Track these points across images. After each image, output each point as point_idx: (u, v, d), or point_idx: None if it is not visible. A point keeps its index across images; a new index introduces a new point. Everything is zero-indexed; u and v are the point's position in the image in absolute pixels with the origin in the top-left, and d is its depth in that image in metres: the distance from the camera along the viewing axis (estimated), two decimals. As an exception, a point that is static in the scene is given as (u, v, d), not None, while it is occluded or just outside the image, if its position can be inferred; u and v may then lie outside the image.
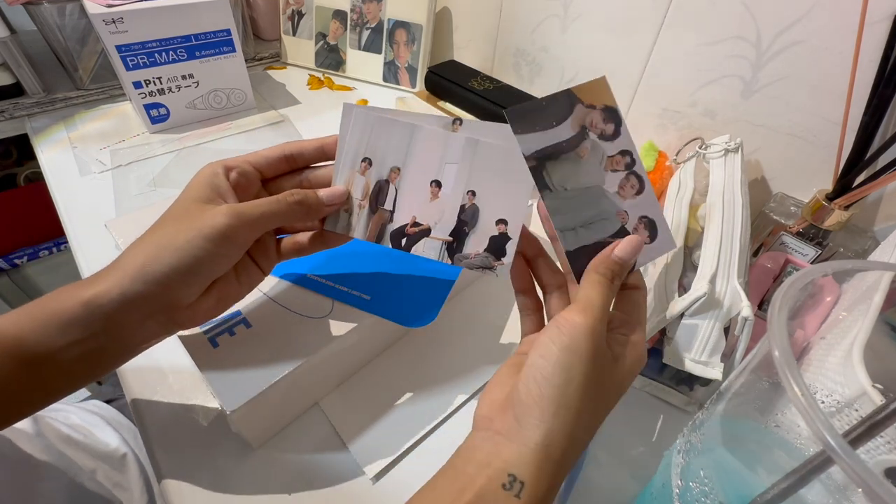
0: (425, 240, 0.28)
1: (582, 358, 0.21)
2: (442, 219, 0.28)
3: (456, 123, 0.28)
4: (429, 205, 0.28)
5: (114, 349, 0.26)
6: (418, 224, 0.28)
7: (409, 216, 0.28)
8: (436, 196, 0.28)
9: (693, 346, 0.32)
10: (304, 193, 0.28)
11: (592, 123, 0.28)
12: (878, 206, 0.41)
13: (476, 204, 0.27)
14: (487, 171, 0.27)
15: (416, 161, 0.28)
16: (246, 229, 0.26)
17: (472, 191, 0.27)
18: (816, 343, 0.28)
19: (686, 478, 0.24)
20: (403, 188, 0.28)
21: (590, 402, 0.22)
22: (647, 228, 0.28)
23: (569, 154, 0.27)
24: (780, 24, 0.40)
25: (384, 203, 0.28)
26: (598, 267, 0.25)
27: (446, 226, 0.28)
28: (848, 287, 0.30)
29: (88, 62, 0.63)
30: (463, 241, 0.28)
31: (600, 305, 0.23)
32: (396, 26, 0.70)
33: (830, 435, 0.15)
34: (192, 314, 0.27)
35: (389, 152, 0.28)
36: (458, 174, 0.27)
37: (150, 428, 0.33)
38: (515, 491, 0.20)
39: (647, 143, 0.50)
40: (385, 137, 0.28)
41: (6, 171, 0.88)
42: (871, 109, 0.36)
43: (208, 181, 0.27)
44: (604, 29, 0.53)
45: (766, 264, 0.41)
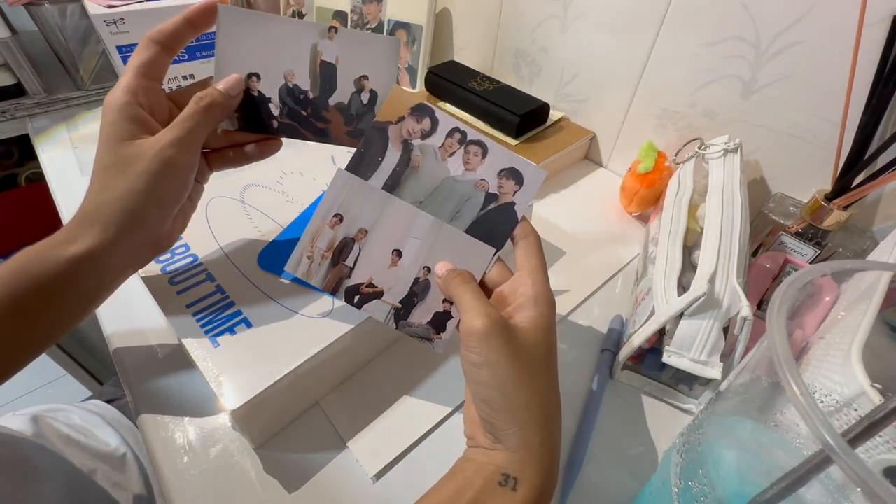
0: (377, 301, 0.30)
1: (497, 362, 0.23)
2: (396, 286, 0.30)
3: (331, 31, 0.30)
4: (386, 270, 0.30)
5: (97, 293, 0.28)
6: (373, 286, 0.30)
7: (367, 277, 0.30)
8: (395, 264, 0.30)
9: (692, 346, 0.32)
10: (209, 94, 0.28)
11: (410, 132, 0.30)
12: (876, 206, 0.41)
13: (429, 280, 0.29)
14: (446, 253, 0.29)
15: (384, 228, 0.30)
16: (186, 152, 0.27)
17: (427, 267, 0.30)
18: (815, 343, 0.28)
19: (685, 477, 0.24)
20: (367, 250, 0.30)
21: (532, 386, 0.24)
22: (510, 178, 0.30)
23: (406, 172, 0.30)
24: (779, 25, 0.40)
25: (346, 259, 0.30)
26: (454, 279, 0.27)
27: (398, 293, 0.30)
28: (847, 287, 0.30)
29: (89, 63, 0.63)
30: (410, 311, 0.30)
31: (474, 305, 0.25)
32: (396, 27, 0.70)
33: (829, 434, 0.15)
34: (167, 240, 0.31)
35: (362, 214, 0.30)
36: (418, 249, 0.29)
37: (150, 428, 0.33)
38: (511, 486, 0.22)
39: (647, 143, 0.50)
40: (361, 200, 0.30)
41: (7, 171, 0.88)
42: (870, 109, 0.36)
43: (126, 115, 0.27)
44: (603, 29, 0.53)
45: (765, 264, 0.41)
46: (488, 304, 0.25)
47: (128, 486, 0.42)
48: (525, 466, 0.22)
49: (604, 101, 0.58)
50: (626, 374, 0.37)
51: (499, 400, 0.23)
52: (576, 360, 0.39)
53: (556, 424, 0.24)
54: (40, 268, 0.24)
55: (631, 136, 0.57)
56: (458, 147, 0.30)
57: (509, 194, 0.29)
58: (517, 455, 0.23)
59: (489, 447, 0.23)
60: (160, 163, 0.26)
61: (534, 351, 0.24)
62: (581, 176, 0.60)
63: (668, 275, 0.35)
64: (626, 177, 0.52)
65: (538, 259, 0.27)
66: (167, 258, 0.36)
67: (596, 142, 0.61)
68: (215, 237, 0.38)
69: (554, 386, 0.25)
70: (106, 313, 0.39)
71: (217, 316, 0.32)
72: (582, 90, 0.60)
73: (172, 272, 0.35)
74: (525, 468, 0.22)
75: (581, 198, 0.57)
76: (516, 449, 0.23)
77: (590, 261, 0.48)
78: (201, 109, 0.28)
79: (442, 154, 0.30)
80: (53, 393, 1.17)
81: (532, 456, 0.23)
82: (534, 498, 0.22)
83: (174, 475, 0.31)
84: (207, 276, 0.35)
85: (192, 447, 0.32)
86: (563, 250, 0.49)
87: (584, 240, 0.50)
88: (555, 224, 0.52)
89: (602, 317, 0.42)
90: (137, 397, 0.34)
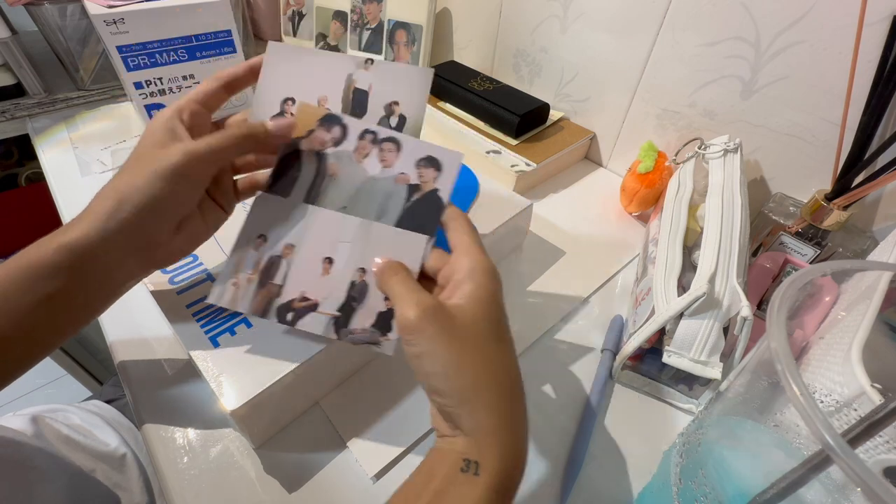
0: (312, 314, 0.28)
1: (434, 350, 0.23)
2: (331, 294, 0.28)
3: (367, 63, 0.32)
4: (319, 280, 0.29)
5: (96, 291, 0.27)
6: (307, 299, 0.28)
7: (299, 291, 0.29)
8: (327, 272, 0.29)
9: (692, 346, 0.32)
10: (249, 125, 0.29)
11: (322, 143, 0.30)
12: (876, 206, 0.41)
13: (366, 280, 0.28)
14: (379, 250, 0.28)
15: (310, 238, 0.29)
16: (197, 164, 0.27)
17: (363, 269, 0.28)
18: (815, 343, 0.28)
19: (685, 477, 0.24)
20: (295, 264, 0.29)
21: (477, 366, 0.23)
22: (428, 166, 0.30)
23: (325, 181, 0.30)
24: (779, 25, 0.40)
25: (274, 278, 0.29)
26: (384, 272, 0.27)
27: (335, 301, 0.28)
28: (847, 287, 0.30)
29: (89, 63, 0.63)
30: (350, 317, 0.28)
31: (404, 294, 0.24)
32: (396, 27, 0.70)
33: (829, 434, 0.15)
34: (168, 253, 0.29)
35: (286, 230, 0.29)
36: (350, 252, 0.29)
37: (151, 428, 0.33)
38: (473, 471, 0.22)
39: (647, 143, 0.50)
40: (283, 216, 0.30)
41: (7, 171, 0.89)
42: (870, 109, 0.36)
43: (164, 126, 0.28)
44: (603, 29, 0.53)
45: (765, 264, 0.41)
46: (419, 291, 0.24)
47: (127, 487, 0.42)
48: (484, 450, 0.22)
49: (604, 101, 0.58)
50: (626, 374, 0.37)
51: (444, 386, 0.23)
52: (576, 360, 0.39)
53: (514, 402, 0.23)
54: (36, 253, 0.25)
55: (631, 136, 0.57)
56: (372, 147, 0.30)
57: (430, 182, 0.29)
58: (474, 439, 0.22)
59: (450, 434, 0.23)
60: (165, 165, 0.26)
61: (473, 328, 0.23)
62: (581, 176, 0.60)
63: (668, 275, 0.35)
64: (626, 177, 0.52)
65: (470, 235, 0.27)
66: (167, 258, 0.36)
67: (596, 142, 0.61)
68: (215, 237, 0.38)
69: (506, 362, 0.24)
70: (106, 314, 0.39)
71: (217, 316, 0.32)
72: (582, 90, 0.60)
73: (172, 272, 0.35)
74: (485, 451, 0.22)
75: (581, 198, 0.57)
76: (472, 433, 0.22)
77: (590, 261, 0.48)
78: (232, 136, 0.28)
79: (357, 157, 0.30)
80: (53, 393, 1.17)
81: (490, 438, 0.22)
82: (498, 482, 0.21)
83: (174, 475, 0.31)
84: (208, 276, 0.35)
85: (192, 447, 0.32)
86: (563, 250, 0.49)
87: (584, 240, 0.50)
88: (555, 224, 0.52)
89: (602, 317, 0.42)
90: (137, 397, 0.34)
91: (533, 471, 0.32)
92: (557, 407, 0.36)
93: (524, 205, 0.44)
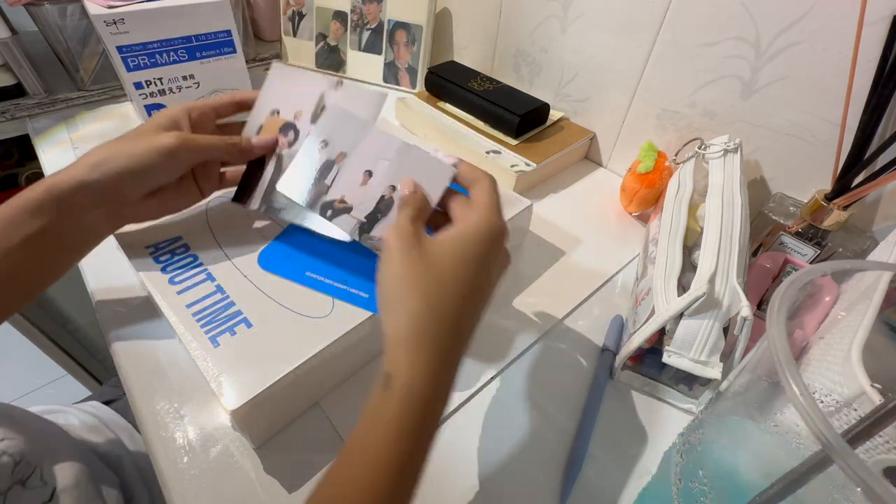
0: (346, 215, 0.32)
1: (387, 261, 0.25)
2: (364, 203, 0.32)
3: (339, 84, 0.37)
4: (357, 189, 0.32)
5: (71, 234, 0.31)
6: (344, 202, 0.32)
7: (340, 194, 0.32)
8: (365, 183, 0.32)
9: (692, 346, 0.32)
10: (241, 138, 0.36)
11: (281, 145, 0.37)
12: (876, 206, 0.41)
13: (393, 198, 0.31)
14: (410, 173, 0.31)
15: (359, 150, 0.33)
16: (188, 152, 0.33)
17: (393, 186, 0.31)
18: (815, 343, 0.28)
19: (685, 477, 0.24)
20: (343, 170, 0.33)
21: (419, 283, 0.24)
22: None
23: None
24: (779, 25, 0.40)
25: (326, 178, 0.33)
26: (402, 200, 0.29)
27: (365, 209, 0.32)
28: (847, 287, 0.30)
29: (89, 63, 0.63)
30: (373, 225, 0.31)
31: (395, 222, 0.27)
32: (396, 27, 0.70)
33: (829, 434, 0.15)
34: (135, 212, 0.34)
35: (344, 139, 0.33)
36: (386, 169, 0.32)
37: (150, 428, 0.33)
38: (386, 384, 0.22)
39: (647, 143, 0.50)
40: (344, 127, 0.34)
41: (8, 171, 0.88)
42: (870, 109, 0.36)
43: (172, 115, 0.34)
44: (603, 29, 0.53)
45: (765, 264, 0.41)
46: (407, 224, 0.26)
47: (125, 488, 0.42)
48: (394, 360, 0.22)
49: (604, 101, 0.58)
50: (626, 374, 0.37)
51: (379, 293, 0.25)
52: (576, 360, 0.39)
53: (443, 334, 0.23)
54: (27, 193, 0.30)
55: (631, 136, 0.57)
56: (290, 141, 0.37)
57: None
58: (388, 350, 0.23)
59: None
60: (164, 143, 0.31)
61: (435, 260, 0.25)
62: (581, 176, 0.60)
63: (668, 275, 0.35)
64: (626, 177, 0.52)
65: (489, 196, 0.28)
66: (167, 258, 0.36)
67: (596, 142, 0.61)
68: (215, 237, 0.38)
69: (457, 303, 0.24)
70: (107, 313, 0.39)
71: (217, 316, 0.32)
72: (582, 90, 0.60)
73: (173, 272, 0.35)
74: (395, 362, 0.22)
75: (581, 198, 0.57)
76: (386, 343, 0.23)
77: (590, 261, 0.48)
78: (224, 142, 0.35)
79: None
80: (54, 393, 1.17)
81: (399, 348, 0.22)
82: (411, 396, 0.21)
83: (174, 475, 0.31)
84: (207, 275, 0.35)
85: (192, 447, 0.32)
86: (563, 250, 0.49)
87: (584, 240, 0.50)
88: (555, 224, 0.52)
89: (602, 317, 0.42)
90: (137, 397, 0.34)
91: (533, 471, 0.32)
92: (557, 407, 0.36)
93: (524, 205, 0.44)
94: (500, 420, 0.35)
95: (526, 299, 0.43)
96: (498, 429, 0.34)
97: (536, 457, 0.33)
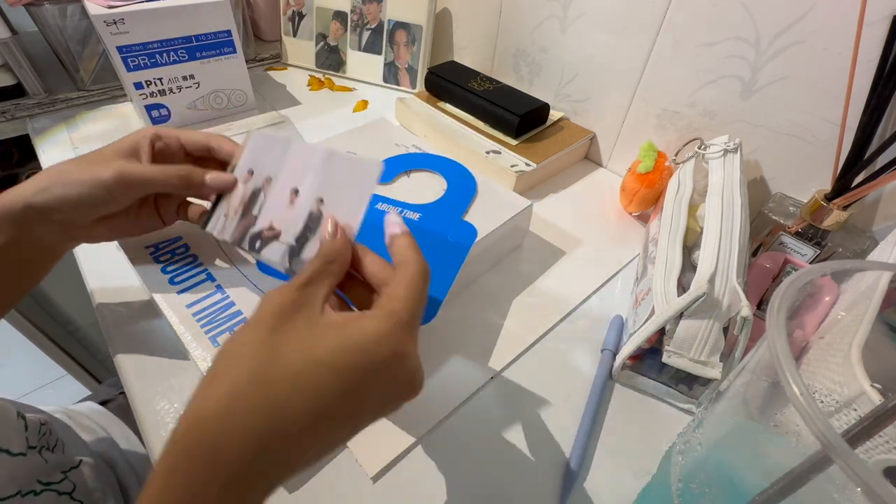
0: (275, 243, 0.29)
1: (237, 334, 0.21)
2: (293, 224, 0.29)
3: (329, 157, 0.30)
4: (286, 211, 0.29)
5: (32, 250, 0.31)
6: (273, 229, 0.29)
7: (268, 221, 0.30)
8: (292, 203, 0.29)
9: (692, 346, 0.32)
10: (191, 169, 0.32)
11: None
12: (876, 206, 0.41)
13: (321, 210, 0.28)
14: (336, 180, 0.28)
15: (285, 170, 0.30)
16: (126, 186, 0.31)
17: (321, 198, 0.28)
18: (815, 343, 0.28)
19: (685, 477, 0.24)
20: (270, 195, 0.30)
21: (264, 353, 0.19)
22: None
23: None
24: (779, 25, 0.40)
25: (253, 209, 0.31)
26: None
27: (294, 231, 0.28)
28: (847, 287, 0.30)
29: (89, 63, 0.63)
30: (303, 246, 0.28)
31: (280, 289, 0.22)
32: (396, 27, 0.70)
33: (829, 434, 0.15)
34: (88, 236, 0.33)
35: (269, 163, 0.31)
36: (312, 181, 0.29)
37: (150, 428, 0.33)
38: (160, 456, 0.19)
39: (647, 143, 0.50)
40: (268, 151, 0.32)
41: (8, 171, 0.88)
42: (870, 109, 0.36)
43: (134, 141, 0.32)
44: (603, 29, 0.53)
45: (764, 264, 0.41)
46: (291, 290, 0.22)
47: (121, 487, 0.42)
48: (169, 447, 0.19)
49: (604, 101, 0.58)
50: (626, 374, 0.37)
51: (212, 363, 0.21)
52: (576, 360, 0.39)
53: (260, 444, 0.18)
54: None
55: (631, 136, 0.57)
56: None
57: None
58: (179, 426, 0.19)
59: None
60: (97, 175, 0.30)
61: (297, 353, 0.19)
62: (581, 176, 0.60)
63: (668, 275, 0.35)
64: (626, 177, 0.52)
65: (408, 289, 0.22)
66: (168, 258, 0.36)
67: (596, 142, 0.61)
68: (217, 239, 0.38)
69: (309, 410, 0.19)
70: (106, 313, 0.39)
71: (217, 316, 0.32)
72: (582, 90, 0.60)
73: (173, 272, 0.35)
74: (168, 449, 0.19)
75: (581, 198, 0.57)
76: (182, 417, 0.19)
77: (589, 261, 0.48)
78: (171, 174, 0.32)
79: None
80: (54, 393, 1.17)
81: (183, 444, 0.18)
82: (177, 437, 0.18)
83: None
84: (208, 276, 0.35)
85: (192, 447, 0.32)
86: (563, 250, 0.49)
87: (583, 240, 0.50)
88: (555, 224, 0.52)
89: (602, 317, 0.42)
90: (137, 397, 0.34)
91: (533, 471, 0.32)
92: (557, 407, 0.36)
93: (524, 205, 0.44)
94: (499, 420, 0.35)
95: (526, 299, 0.43)
96: (498, 429, 0.34)
97: (536, 457, 0.33)
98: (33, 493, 0.33)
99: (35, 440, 0.36)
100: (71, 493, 0.36)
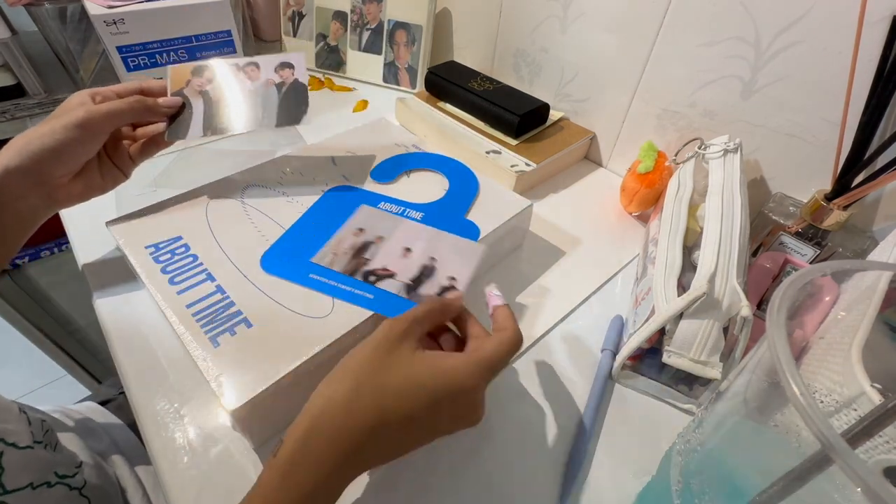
0: (390, 279, 0.36)
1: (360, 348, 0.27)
2: (408, 269, 0.36)
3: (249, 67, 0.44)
4: (400, 259, 0.37)
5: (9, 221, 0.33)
6: (387, 269, 0.36)
7: (383, 264, 0.37)
8: (406, 256, 0.37)
9: (692, 346, 0.32)
10: (141, 97, 0.38)
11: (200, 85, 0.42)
12: (876, 206, 0.41)
13: (435, 266, 0.36)
14: (446, 247, 0.38)
15: (396, 235, 0.39)
16: (96, 120, 0.34)
17: (433, 257, 0.37)
18: (815, 343, 0.28)
19: (685, 477, 0.24)
20: (383, 248, 0.38)
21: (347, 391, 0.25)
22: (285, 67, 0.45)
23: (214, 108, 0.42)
24: (778, 25, 0.40)
25: (365, 254, 0.38)
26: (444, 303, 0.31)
27: (410, 274, 0.36)
28: (847, 287, 0.30)
29: (89, 63, 0.63)
30: (419, 285, 0.35)
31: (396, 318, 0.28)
32: (396, 27, 0.70)
33: (829, 434, 0.15)
34: (66, 195, 0.36)
35: (379, 228, 0.40)
36: (423, 248, 0.38)
37: (150, 428, 0.33)
38: (275, 451, 0.24)
39: (647, 143, 0.50)
40: (379, 220, 0.41)
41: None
42: (870, 109, 0.36)
43: (80, 99, 0.36)
44: (603, 29, 0.53)
45: (765, 264, 0.41)
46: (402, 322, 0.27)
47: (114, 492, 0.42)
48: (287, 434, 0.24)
49: (604, 101, 0.58)
50: (626, 374, 0.37)
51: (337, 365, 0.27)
52: (576, 360, 0.39)
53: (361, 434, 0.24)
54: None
55: (631, 136, 0.57)
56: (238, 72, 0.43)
57: (290, 77, 0.43)
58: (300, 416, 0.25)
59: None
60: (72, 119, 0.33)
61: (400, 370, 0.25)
62: (581, 176, 0.60)
63: (668, 275, 0.35)
64: (626, 177, 0.52)
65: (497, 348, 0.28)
66: (167, 258, 0.36)
67: (596, 142, 0.61)
68: (215, 237, 0.38)
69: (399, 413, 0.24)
70: (106, 313, 0.39)
71: (217, 316, 0.32)
72: (582, 90, 0.60)
73: (173, 272, 0.35)
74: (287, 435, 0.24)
75: (581, 198, 0.57)
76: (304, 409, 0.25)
77: (590, 261, 0.48)
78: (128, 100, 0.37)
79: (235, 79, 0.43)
80: (54, 393, 1.17)
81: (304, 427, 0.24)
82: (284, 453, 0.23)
83: (174, 475, 0.31)
84: (207, 275, 0.35)
85: (192, 447, 0.32)
86: (563, 250, 0.49)
87: (584, 240, 0.50)
88: (555, 224, 0.52)
89: (602, 317, 0.42)
90: (137, 397, 0.34)
91: (533, 471, 0.32)
92: (557, 407, 0.36)
93: (524, 205, 0.44)
94: (499, 420, 0.35)
95: (526, 299, 0.43)
96: (498, 429, 0.34)
97: (536, 457, 0.33)
98: (47, 484, 0.34)
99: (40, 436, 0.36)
100: (81, 489, 0.37)
